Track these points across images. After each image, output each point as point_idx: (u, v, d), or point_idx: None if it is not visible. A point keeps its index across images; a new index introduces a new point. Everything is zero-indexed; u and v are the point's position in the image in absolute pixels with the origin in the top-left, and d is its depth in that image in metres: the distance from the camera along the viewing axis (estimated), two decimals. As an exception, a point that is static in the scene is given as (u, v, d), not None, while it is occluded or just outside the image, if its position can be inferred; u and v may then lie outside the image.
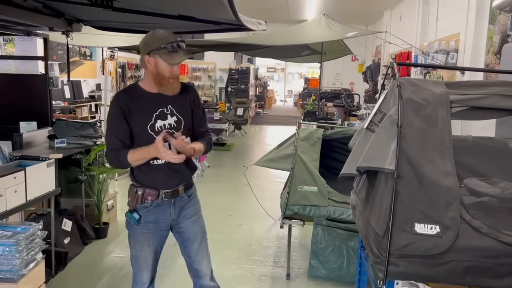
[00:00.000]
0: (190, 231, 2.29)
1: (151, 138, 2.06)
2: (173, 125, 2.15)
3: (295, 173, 3.41)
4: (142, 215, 2.17)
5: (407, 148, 1.68)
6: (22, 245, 2.64)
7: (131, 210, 2.18)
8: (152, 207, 2.18)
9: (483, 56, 5.50)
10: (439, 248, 1.57)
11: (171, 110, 2.15)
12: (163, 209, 2.20)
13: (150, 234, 2.21)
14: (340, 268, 3.31)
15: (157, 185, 2.16)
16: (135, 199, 2.17)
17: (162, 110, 2.13)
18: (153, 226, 2.20)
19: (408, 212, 1.63)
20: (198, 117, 2.27)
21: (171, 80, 2.08)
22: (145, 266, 2.24)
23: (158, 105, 2.12)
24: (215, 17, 3.09)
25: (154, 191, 2.16)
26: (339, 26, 6.77)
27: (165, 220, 2.22)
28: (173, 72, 2.06)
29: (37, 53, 4.28)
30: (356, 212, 2.17)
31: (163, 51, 2.02)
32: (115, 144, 2.09)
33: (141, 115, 2.09)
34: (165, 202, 2.19)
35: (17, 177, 2.81)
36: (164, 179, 2.16)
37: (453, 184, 1.64)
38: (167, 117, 2.14)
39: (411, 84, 1.88)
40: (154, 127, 2.11)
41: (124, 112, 2.08)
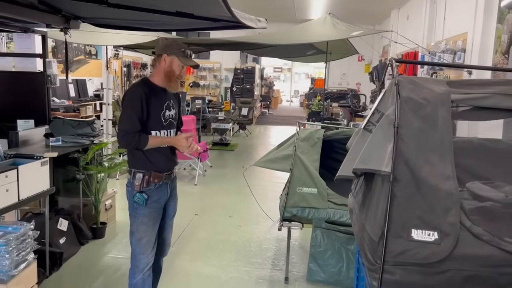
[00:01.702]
0: (173, 209, 2.71)
1: (161, 124, 2.49)
2: (173, 116, 2.59)
3: (294, 174, 3.32)
4: (149, 196, 2.47)
5: (404, 149, 1.59)
6: (12, 245, 2.59)
7: (140, 191, 2.46)
8: (155, 188, 2.50)
9: (491, 56, 5.37)
10: (437, 256, 1.49)
11: (172, 104, 2.59)
12: (163, 189, 2.55)
13: (154, 213, 2.53)
14: (339, 272, 3.22)
15: (160, 168, 2.51)
16: (142, 182, 2.46)
17: (168, 102, 2.54)
18: (156, 205, 2.53)
19: (405, 217, 1.54)
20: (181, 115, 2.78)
21: (180, 79, 2.50)
22: (149, 248, 2.51)
23: (166, 98, 2.54)
24: (213, 14, 3.01)
25: (159, 174, 2.49)
26: (344, 25, 6.66)
27: (164, 198, 2.58)
28: (182, 72, 2.49)
29: (35, 50, 4.23)
30: (353, 216, 2.09)
31: (181, 53, 2.45)
32: (136, 126, 2.39)
33: (157, 103, 2.46)
34: (164, 183, 2.54)
35: (9, 176, 2.76)
36: (166, 162, 2.55)
37: (453, 188, 1.55)
38: (171, 109, 2.57)
39: (411, 82, 1.79)
40: (164, 115, 2.51)
41: (147, 98, 2.41)
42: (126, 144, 2.43)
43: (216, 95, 15.05)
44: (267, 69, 20.71)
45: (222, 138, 9.81)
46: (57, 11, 3.57)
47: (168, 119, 2.54)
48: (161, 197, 2.56)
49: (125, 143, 2.43)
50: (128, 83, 12.98)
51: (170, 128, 2.56)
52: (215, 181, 6.65)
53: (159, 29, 4.91)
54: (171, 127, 2.58)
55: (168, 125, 2.54)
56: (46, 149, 3.54)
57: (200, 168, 6.72)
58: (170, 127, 2.57)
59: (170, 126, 2.57)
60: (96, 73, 11.17)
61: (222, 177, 6.94)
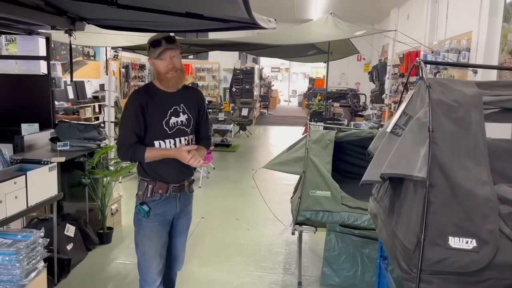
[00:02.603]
0: (184, 225, 2.48)
1: (165, 133, 2.25)
2: (184, 122, 2.32)
3: (307, 177, 3.27)
4: (151, 207, 2.28)
5: (438, 154, 1.54)
6: (22, 254, 2.52)
7: (141, 202, 2.29)
8: (161, 200, 2.30)
9: (497, 55, 5.35)
10: (476, 264, 1.43)
11: (183, 108, 2.31)
12: (170, 203, 2.33)
13: (158, 226, 2.32)
14: (354, 276, 3.17)
15: (167, 179, 2.29)
16: (146, 192, 2.28)
17: (175, 108, 2.28)
18: (161, 218, 2.32)
19: (441, 225, 1.49)
20: (203, 119, 2.46)
21: (169, 75, 2.20)
22: (154, 263, 2.32)
23: (172, 103, 2.28)
24: (225, 14, 2.95)
25: (164, 185, 2.28)
26: (346, 25, 6.62)
27: (171, 213, 2.36)
28: (167, 66, 2.18)
29: (39, 52, 4.16)
30: (377, 221, 2.03)
31: (151, 50, 2.19)
32: (132, 138, 2.21)
33: (157, 112, 2.23)
34: (172, 196, 2.32)
35: (18, 182, 2.69)
36: (174, 173, 2.30)
37: (490, 194, 1.50)
38: (180, 115, 2.30)
39: (440, 84, 1.74)
40: (168, 123, 2.26)
41: (142, 108, 2.21)
42: (122, 157, 2.29)
43: (215, 95, 14.98)
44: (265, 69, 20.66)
45: (224, 139, 9.75)
46: (62, 13, 3.50)
47: (176, 127, 2.28)
48: (168, 211, 2.34)
49: (122, 156, 2.28)
50: (126, 84, 12.90)
51: (178, 136, 2.30)
52: (219, 183, 6.58)
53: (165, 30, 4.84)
54: (181, 134, 2.31)
55: (175, 133, 2.29)
56: (53, 153, 3.47)
57: (204, 170, 6.65)
58: (179, 135, 2.30)
59: (179, 134, 2.30)
60: (95, 74, 11.07)
61: (225, 179, 6.88)
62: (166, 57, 2.18)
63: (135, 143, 2.21)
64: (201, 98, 2.45)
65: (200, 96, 2.47)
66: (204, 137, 2.48)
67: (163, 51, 2.16)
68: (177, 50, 2.22)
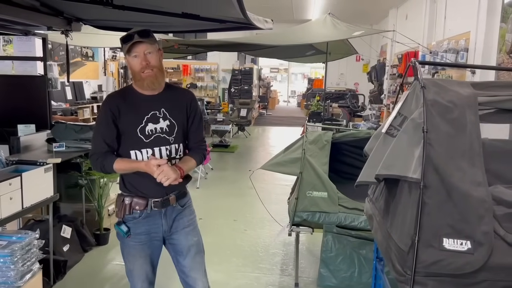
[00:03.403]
0: (183, 244, 2.13)
1: (140, 142, 1.99)
2: (165, 129, 2.03)
3: (304, 178, 3.25)
4: (131, 227, 2.03)
5: (433, 155, 1.53)
6: (17, 256, 2.51)
7: (119, 222, 2.05)
8: (142, 218, 2.03)
9: (495, 55, 5.34)
10: (471, 266, 1.42)
11: (164, 113, 2.03)
12: (153, 220, 2.05)
13: (142, 246, 2.06)
14: (351, 277, 3.16)
15: (146, 193, 2.02)
16: (123, 209, 2.02)
17: (154, 113, 2.01)
18: (145, 237, 2.06)
19: (436, 226, 1.48)
20: (194, 125, 2.15)
21: (144, 73, 1.94)
22: (139, 280, 2.11)
23: (151, 107, 2.01)
24: (221, 15, 2.94)
25: (142, 200, 2.01)
26: (345, 26, 6.62)
27: (157, 231, 2.08)
28: (140, 63, 1.93)
29: (35, 53, 4.14)
30: (373, 222, 2.02)
31: (123, 46, 1.94)
32: (101, 147, 1.99)
33: (131, 117, 1.98)
34: (155, 212, 2.04)
35: (13, 184, 2.68)
36: (153, 187, 1.99)
37: (485, 195, 1.49)
38: (159, 121, 2.02)
39: (435, 84, 1.73)
40: (144, 130, 2.00)
41: (113, 115, 1.99)
42: (93, 167, 2.06)
43: (214, 96, 14.97)
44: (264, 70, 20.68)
45: (222, 140, 9.74)
46: (58, 13, 3.49)
47: (154, 135, 2.00)
48: (151, 230, 2.05)
49: (93, 166, 2.06)
50: (125, 85, 12.89)
51: (158, 146, 2.01)
52: (217, 184, 6.57)
53: (162, 31, 4.84)
54: (161, 143, 2.02)
55: (153, 142, 2.00)
56: (49, 154, 3.46)
57: (202, 171, 6.64)
58: (158, 144, 2.01)
59: (158, 143, 2.01)
60: (93, 75, 11.07)
61: (224, 180, 6.87)
62: (140, 53, 1.93)
63: (105, 152, 1.98)
64: (190, 100, 2.13)
65: (189, 98, 2.14)
66: (194, 146, 2.16)
67: (135, 45, 1.92)
68: (153, 45, 1.96)
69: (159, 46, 2.02)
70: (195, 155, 2.15)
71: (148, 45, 1.94)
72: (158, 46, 2.01)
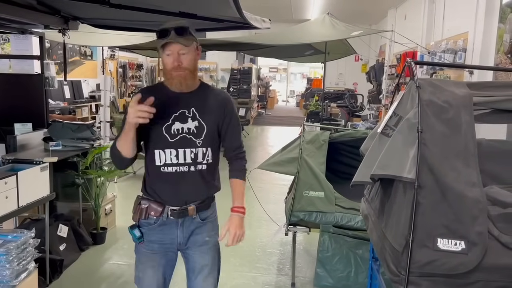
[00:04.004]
0: (197, 262, 1.98)
1: (164, 141, 1.84)
2: (193, 130, 1.87)
3: (301, 177, 3.25)
4: (144, 233, 1.91)
5: (428, 155, 1.53)
6: (12, 255, 2.51)
7: (134, 225, 1.93)
8: (157, 225, 1.90)
9: (493, 56, 5.35)
10: (465, 266, 1.42)
11: (193, 113, 1.88)
12: (168, 229, 1.91)
13: (154, 255, 1.93)
14: (347, 277, 3.16)
15: (163, 199, 1.89)
16: (138, 212, 1.91)
17: (183, 111, 1.87)
18: (158, 246, 1.92)
19: (430, 226, 1.48)
20: (230, 130, 1.99)
21: (174, 73, 1.81)
22: None
23: (180, 105, 1.87)
24: (218, 14, 2.94)
25: (159, 207, 1.88)
26: (343, 25, 6.62)
27: (171, 243, 1.93)
28: (172, 63, 1.79)
29: (32, 52, 4.13)
30: (368, 222, 2.02)
31: (158, 40, 1.79)
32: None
33: (158, 114, 1.78)
34: (171, 221, 1.90)
35: (8, 182, 2.67)
36: (171, 192, 1.88)
37: (480, 196, 1.49)
38: (187, 120, 1.88)
39: (431, 85, 1.72)
40: (170, 128, 1.85)
41: None
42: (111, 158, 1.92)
43: (212, 95, 14.95)
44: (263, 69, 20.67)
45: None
46: (55, 12, 3.48)
47: (179, 135, 1.86)
48: (165, 240, 1.91)
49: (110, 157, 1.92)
50: (123, 84, 12.87)
51: (183, 147, 1.86)
52: (214, 183, 6.55)
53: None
54: (186, 145, 1.86)
55: (178, 142, 1.86)
56: (45, 153, 3.45)
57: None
58: (184, 145, 1.86)
59: (184, 144, 1.86)
60: (92, 74, 11.05)
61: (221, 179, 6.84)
62: (173, 52, 1.78)
63: None
64: (226, 103, 1.96)
65: (224, 100, 1.97)
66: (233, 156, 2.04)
67: (169, 44, 1.77)
68: (189, 45, 1.80)
69: (197, 44, 1.86)
70: (239, 173, 2.07)
71: (183, 46, 1.78)
72: (196, 45, 1.86)
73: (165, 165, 1.87)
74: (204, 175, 1.92)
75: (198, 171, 1.89)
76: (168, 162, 1.86)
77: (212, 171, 1.97)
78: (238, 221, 2.01)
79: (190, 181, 1.89)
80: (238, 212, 2.03)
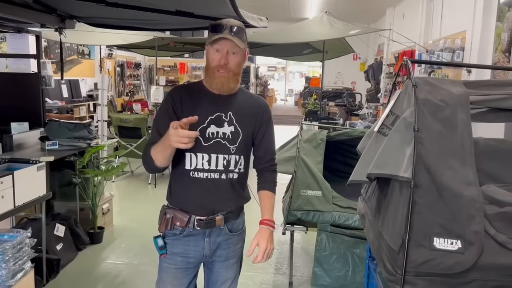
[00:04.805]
0: (221, 275, 1.89)
1: (198, 144, 1.68)
2: (228, 135, 1.77)
3: (298, 176, 3.24)
4: (168, 243, 1.81)
5: (424, 154, 1.52)
6: (8, 255, 2.50)
7: (158, 235, 1.84)
8: (182, 235, 1.79)
9: (491, 54, 5.35)
10: (461, 266, 1.41)
11: (230, 118, 1.78)
12: (194, 241, 1.80)
13: (176, 271, 1.82)
14: (345, 276, 3.15)
15: (189, 208, 1.78)
16: (164, 223, 1.80)
17: (220, 115, 1.76)
18: (181, 260, 1.81)
19: (426, 225, 1.47)
20: (265, 139, 1.90)
21: (218, 72, 1.72)
22: None
23: (217, 108, 1.77)
24: (215, 13, 2.92)
25: (184, 216, 1.77)
26: (341, 24, 6.62)
27: (196, 256, 1.82)
28: (219, 61, 1.70)
29: (29, 51, 4.12)
30: (365, 221, 2.02)
31: (210, 34, 1.71)
32: (154, 138, 1.71)
33: (193, 114, 1.63)
34: (198, 232, 1.79)
35: (4, 182, 2.66)
36: (198, 200, 1.78)
37: (476, 195, 1.48)
38: (224, 125, 1.77)
39: (427, 83, 1.72)
40: (205, 131, 1.74)
41: (175, 106, 1.76)
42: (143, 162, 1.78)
43: (210, 94, 14.92)
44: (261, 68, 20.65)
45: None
46: (52, 11, 3.47)
47: (214, 139, 1.75)
48: (190, 252, 1.80)
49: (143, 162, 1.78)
50: (121, 83, 12.85)
51: (216, 152, 1.75)
52: (212, 182, 6.55)
53: (156, 29, 4.82)
54: (220, 151, 1.76)
55: (212, 147, 1.75)
56: (42, 152, 3.45)
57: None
58: (217, 150, 1.76)
59: (217, 149, 1.76)
60: (89, 73, 11.03)
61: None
62: (223, 50, 1.70)
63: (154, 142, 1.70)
64: (263, 110, 1.88)
65: (263, 106, 1.89)
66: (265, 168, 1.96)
67: (220, 40, 1.69)
68: (241, 46, 1.72)
69: (247, 49, 1.79)
70: (271, 185, 1.98)
71: (234, 45, 1.70)
72: (246, 49, 1.78)
73: (196, 170, 1.76)
74: (234, 184, 1.82)
75: (229, 180, 1.80)
76: (199, 167, 1.76)
77: (243, 181, 1.88)
78: (269, 235, 1.87)
79: (220, 189, 1.79)
80: (268, 225, 1.89)
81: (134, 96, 12.86)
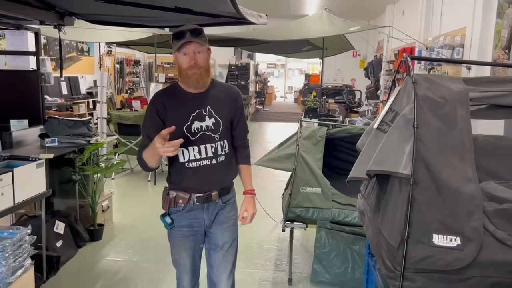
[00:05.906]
0: (218, 238, 2.17)
1: (187, 140, 1.97)
2: (211, 127, 2.05)
3: (298, 173, 3.25)
4: (174, 219, 2.12)
5: (423, 151, 1.52)
6: (8, 252, 2.49)
7: (164, 213, 2.13)
8: (185, 211, 2.11)
9: (491, 51, 5.34)
10: (460, 262, 1.42)
11: (209, 111, 2.05)
12: (195, 214, 2.12)
13: (186, 238, 2.14)
14: (344, 273, 3.16)
15: (189, 188, 2.08)
16: (168, 202, 2.11)
17: (200, 111, 2.03)
18: (187, 230, 2.13)
19: (425, 222, 1.48)
20: (240, 122, 2.19)
21: (190, 72, 1.95)
22: (184, 270, 2.20)
23: (197, 105, 2.03)
24: (214, 9, 2.92)
25: (186, 195, 2.07)
26: (341, 21, 6.60)
27: (199, 225, 2.14)
28: (189, 62, 1.94)
29: (28, 48, 4.10)
30: (364, 218, 2.02)
31: (174, 42, 1.96)
32: (145, 142, 2.02)
33: (177, 115, 2.01)
34: (198, 206, 2.10)
35: (4, 179, 2.65)
36: (196, 183, 2.07)
37: (475, 191, 1.49)
38: (205, 119, 2.04)
39: (427, 80, 1.72)
40: (190, 128, 2.02)
41: (158, 111, 2.02)
42: (139, 163, 2.09)
43: (210, 91, 14.91)
44: (261, 65, 20.61)
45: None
46: (51, 8, 3.46)
47: (200, 132, 2.02)
48: (193, 224, 2.12)
49: (138, 163, 2.09)
50: (121, 80, 12.83)
51: (204, 143, 2.03)
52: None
53: (156, 26, 4.81)
54: (207, 141, 2.04)
55: (199, 140, 2.02)
56: (41, 150, 3.44)
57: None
58: (204, 141, 2.03)
59: (204, 140, 2.03)
60: (89, 70, 11.02)
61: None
62: (189, 52, 1.94)
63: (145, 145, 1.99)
64: (236, 97, 2.15)
65: (236, 95, 2.16)
66: (240, 145, 2.24)
67: (185, 44, 1.92)
68: (203, 45, 1.97)
69: (208, 46, 2.02)
70: (247, 159, 2.28)
71: (198, 45, 1.94)
72: (208, 46, 2.02)
73: (189, 161, 2.04)
74: (224, 165, 2.11)
75: (219, 163, 2.08)
76: (192, 158, 2.04)
77: (230, 160, 2.16)
78: (253, 202, 2.25)
79: (213, 172, 2.07)
80: (251, 194, 2.26)
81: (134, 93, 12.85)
